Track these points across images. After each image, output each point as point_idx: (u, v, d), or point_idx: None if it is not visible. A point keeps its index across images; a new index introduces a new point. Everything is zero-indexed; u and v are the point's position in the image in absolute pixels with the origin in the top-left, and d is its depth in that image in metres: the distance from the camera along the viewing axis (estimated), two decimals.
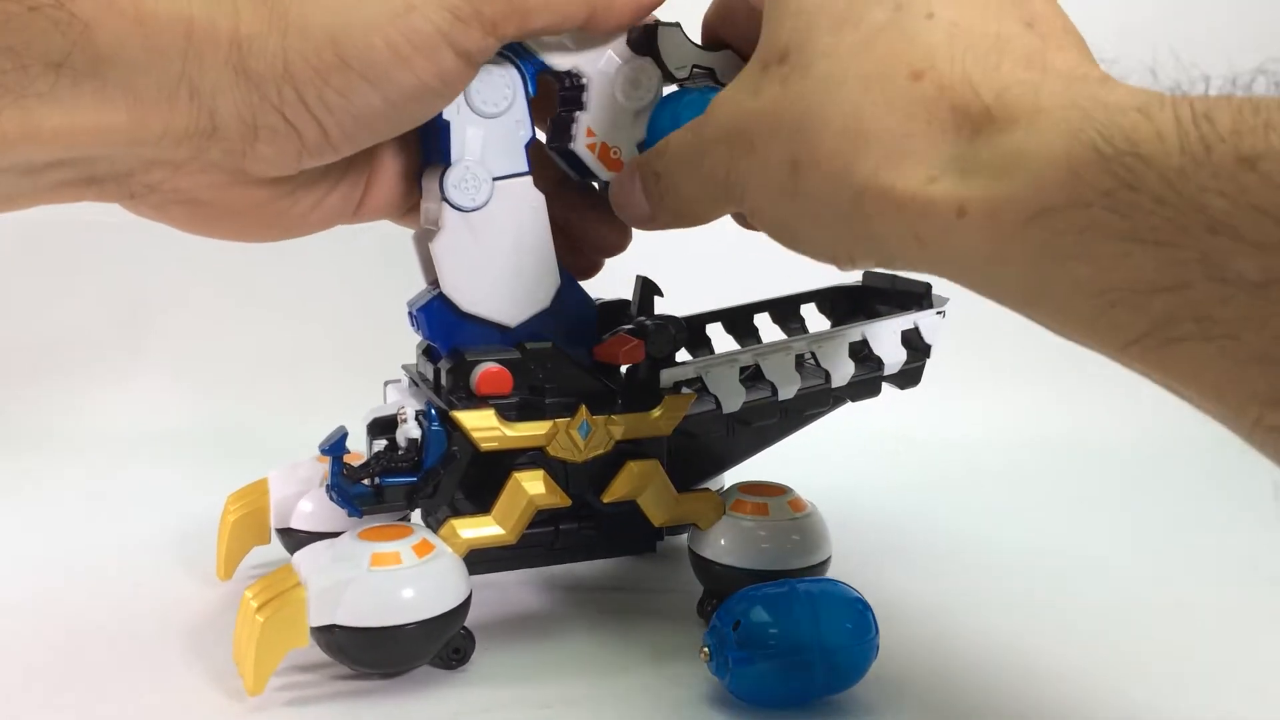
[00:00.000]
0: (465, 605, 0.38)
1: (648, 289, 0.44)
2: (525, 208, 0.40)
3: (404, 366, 0.45)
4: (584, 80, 0.40)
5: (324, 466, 0.46)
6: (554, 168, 0.43)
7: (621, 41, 0.40)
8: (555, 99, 0.41)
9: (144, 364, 0.76)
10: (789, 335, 0.47)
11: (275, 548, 0.46)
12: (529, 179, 0.40)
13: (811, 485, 0.46)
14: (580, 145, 0.40)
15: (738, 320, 0.49)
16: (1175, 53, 0.26)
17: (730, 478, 0.46)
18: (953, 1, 0.28)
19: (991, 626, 0.44)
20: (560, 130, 0.41)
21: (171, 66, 0.31)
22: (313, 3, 0.32)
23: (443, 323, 0.40)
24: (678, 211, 0.36)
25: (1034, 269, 0.24)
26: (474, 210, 0.39)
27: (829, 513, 0.44)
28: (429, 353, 0.43)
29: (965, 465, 0.69)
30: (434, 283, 0.41)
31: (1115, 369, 0.37)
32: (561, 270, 0.41)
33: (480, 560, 0.40)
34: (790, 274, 0.46)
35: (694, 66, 0.41)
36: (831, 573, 0.42)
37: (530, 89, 0.39)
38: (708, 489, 0.43)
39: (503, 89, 0.38)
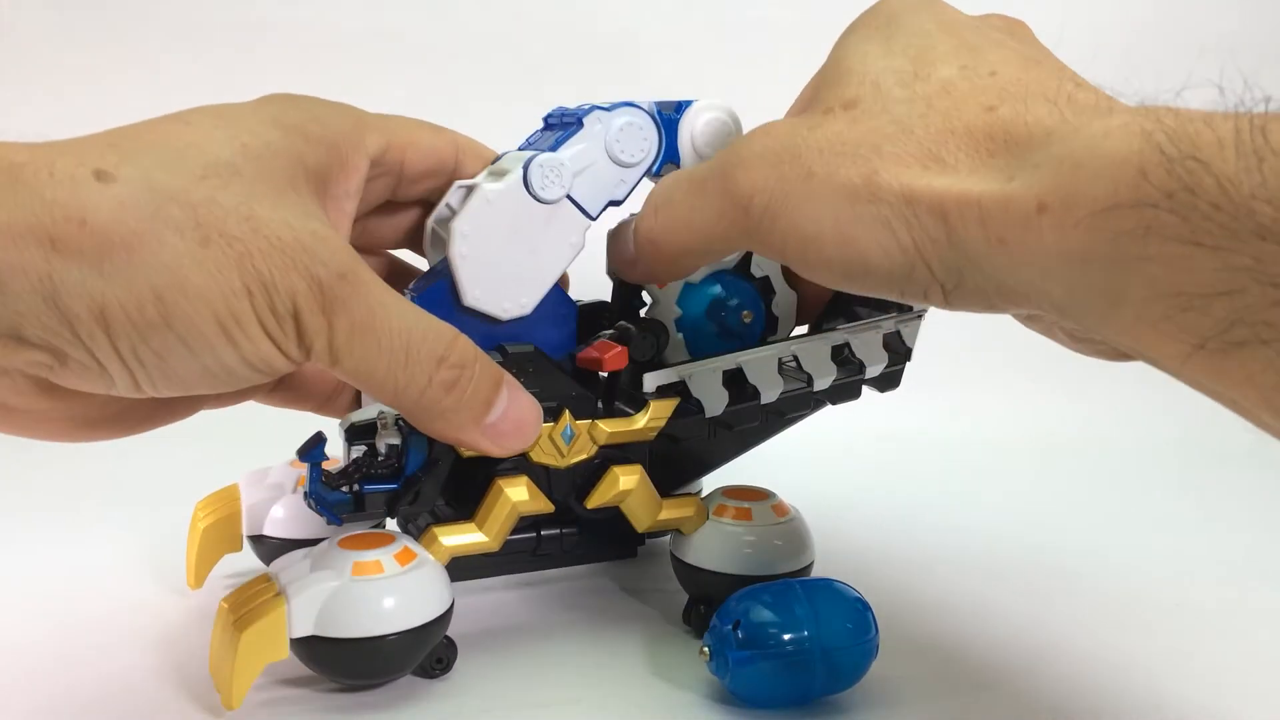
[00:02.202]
0: (448, 613, 0.37)
1: (627, 291, 0.43)
2: (568, 234, 0.39)
3: None
4: None
5: (296, 472, 0.45)
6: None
7: None
8: None
9: None
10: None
11: (246, 555, 0.45)
12: (589, 224, 0.40)
13: (812, 485, 0.45)
14: None
15: None
16: (1244, 75, 0.27)
17: (718, 479, 0.46)
18: (1012, 64, 0.30)
19: (991, 626, 0.44)
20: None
21: None
22: (145, 248, 0.28)
23: None
24: (667, 247, 0.36)
25: (1112, 267, 0.24)
26: (533, 198, 0.38)
27: (829, 512, 0.44)
28: None
29: (965, 464, 0.70)
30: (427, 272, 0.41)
31: (1114, 370, 0.37)
32: None
33: (461, 567, 0.39)
34: None
35: (767, 276, 0.44)
36: (830, 573, 0.42)
37: (655, 169, 0.41)
38: (690, 493, 0.42)
39: (637, 153, 0.40)
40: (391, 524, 0.42)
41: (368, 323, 0.31)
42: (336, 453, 0.39)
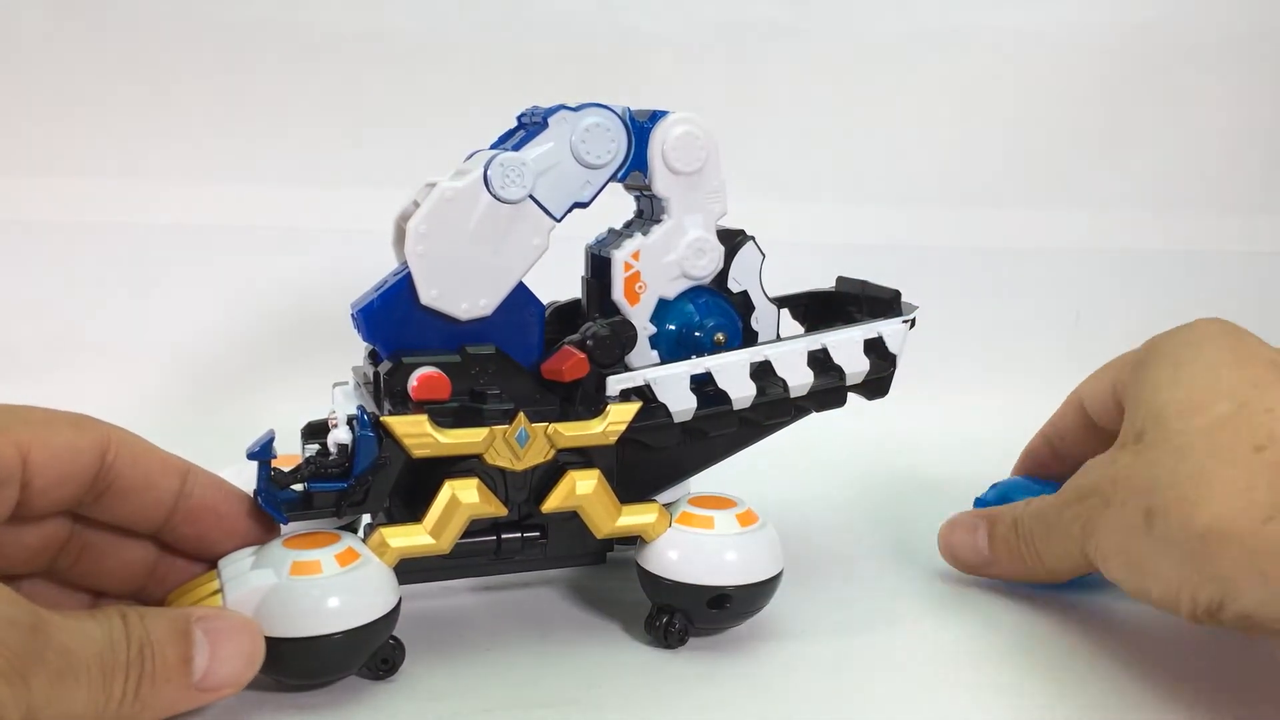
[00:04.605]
0: (392, 615, 0.37)
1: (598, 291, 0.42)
2: (530, 235, 0.39)
3: (355, 368, 0.44)
4: (665, 216, 0.41)
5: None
6: None
7: (714, 218, 0.42)
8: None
9: (137, 359, 0.75)
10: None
11: None
12: (553, 225, 0.40)
13: (811, 486, 0.44)
14: (622, 256, 0.41)
15: None
16: None
17: (700, 485, 0.45)
18: None
19: (993, 627, 0.44)
20: (615, 235, 0.43)
21: None
22: None
23: (384, 322, 0.39)
24: (1031, 566, 0.43)
25: None
26: (494, 198, 0.38)
27: (828, 513, 0.43)
28: (374, 355, 0.42)
29: (968, 464, 0.68)
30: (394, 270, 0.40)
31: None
32: None
33: (419, 569, 0.39)
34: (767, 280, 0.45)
35: (745, 291, 0.44)
36: (832, 572, 0.41)
37: (621, 175, 0.41)
38: (653, 500, 0.42)
39: (603, 154, 0.40)
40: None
41: (65, 665, 0.27)
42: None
